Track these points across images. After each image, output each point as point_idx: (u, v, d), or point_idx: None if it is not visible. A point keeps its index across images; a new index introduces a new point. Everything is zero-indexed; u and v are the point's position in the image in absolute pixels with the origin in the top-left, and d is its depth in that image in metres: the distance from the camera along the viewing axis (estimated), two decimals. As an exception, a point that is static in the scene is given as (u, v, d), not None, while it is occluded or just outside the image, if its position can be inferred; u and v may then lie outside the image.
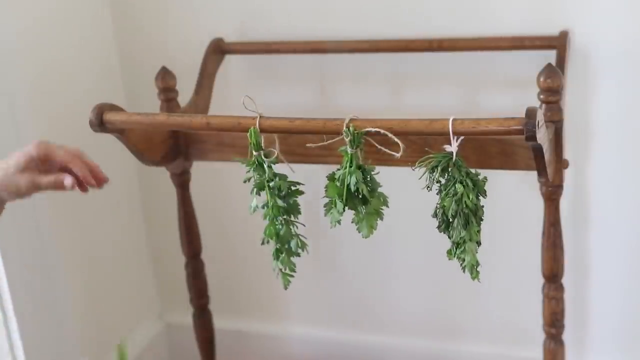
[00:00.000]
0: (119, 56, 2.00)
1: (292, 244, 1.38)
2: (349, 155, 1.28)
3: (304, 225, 1.38)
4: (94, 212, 1.95)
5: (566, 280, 1.63)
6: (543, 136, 1.26)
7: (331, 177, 1.31)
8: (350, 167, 1.29)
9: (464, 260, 1.28)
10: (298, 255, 1.39)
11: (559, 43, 1.59)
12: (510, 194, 1.82)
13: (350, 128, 1.27)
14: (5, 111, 1.65)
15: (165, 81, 1.67)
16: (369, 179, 1.31)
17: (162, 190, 2.03)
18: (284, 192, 1.35)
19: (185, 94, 1.72)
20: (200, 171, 1.82)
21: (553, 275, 1.61)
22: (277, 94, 1.91)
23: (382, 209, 1.33)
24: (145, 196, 2.13)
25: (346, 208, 1.32)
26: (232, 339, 2.16)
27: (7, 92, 1.65)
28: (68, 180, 1.24)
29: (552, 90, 1.42)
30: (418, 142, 1.36)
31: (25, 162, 1.24)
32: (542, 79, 1.42)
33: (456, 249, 1.29)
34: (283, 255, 1.39)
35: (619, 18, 1.64)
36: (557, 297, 1.62)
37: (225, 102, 1.76)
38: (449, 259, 1.31)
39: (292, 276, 1.40)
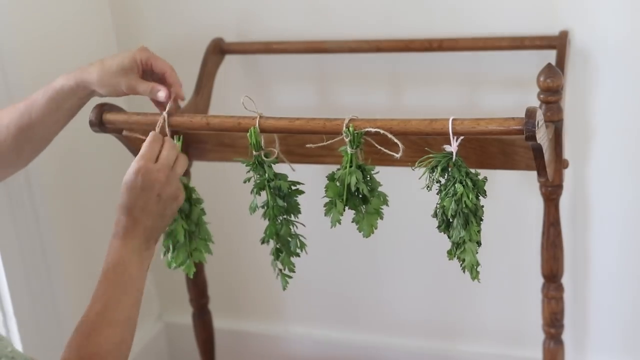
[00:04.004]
0: (119, 56, 2.00)
1: (292, 244, 1.38)
2: (349, 155, 1.28)
3: (304, 225, 1.38)
4: (94, 212, 1.95)
5: (566, 280, 1.63)
6: (543, 136, 1.26)
7: (331, 177, 1.31)
8: (350, 167, 1.29)
9: (463, 260, 1.28)
10: (298, 255, 1.39)
11: (559, 43, 1.59)
12: (510, 194, 1.82)
13: (350, 128, 1.27)
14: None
15: (165, 81, 1.67)
16: (368, 178, 1.31)
17: (162, 190, 2.02)
18: (284, 192, 1.35)
19: (185, 94, 1.72)
20: (201, 171, 1.82)
21: (553, 275, 1.61)
22: (277, 94, 1.91)
23: (382, 209, 1.33)
24: (145, 196, 2.12)
25: (346, 208, 1.32)
26: (232, 339, 2.16)
27: (8, 92, 1.64)
28: (162, 93, 1.36)
29: (552, 90, 1.42)
30: (418, 142, 1.35)
31: (129, 64, 1.35)
32: (542, 79, 1.42)
33: (456, 249, 1.29)
34: (283, 255, 1.39)
35: (619, 18, 1.64)
36: (557, 297, 1.62)
37: (225, 102, 1.76)
38: (449, 259, 1.31)
39: (290, 277, 1.40)
